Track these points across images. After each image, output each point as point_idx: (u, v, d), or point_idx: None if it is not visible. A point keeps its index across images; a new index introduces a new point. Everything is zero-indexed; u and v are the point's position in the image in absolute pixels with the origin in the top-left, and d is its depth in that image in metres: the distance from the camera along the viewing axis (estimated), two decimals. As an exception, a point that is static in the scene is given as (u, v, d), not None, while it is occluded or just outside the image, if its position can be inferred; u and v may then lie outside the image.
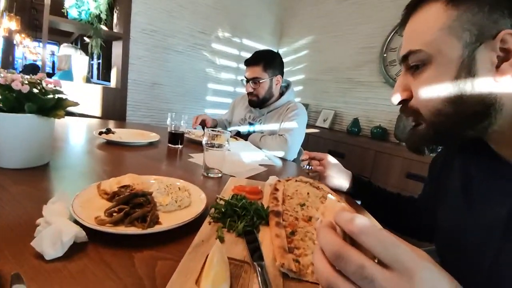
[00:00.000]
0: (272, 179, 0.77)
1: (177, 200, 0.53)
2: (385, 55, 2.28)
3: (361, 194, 0.82)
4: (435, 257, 0.44)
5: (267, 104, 1.53)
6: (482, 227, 0.45)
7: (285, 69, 1.59)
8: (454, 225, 0.51)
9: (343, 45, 2.64)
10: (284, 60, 1.60)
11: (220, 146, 0.81)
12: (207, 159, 0.82)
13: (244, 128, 1.61)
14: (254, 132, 1.53)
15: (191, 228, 0.48)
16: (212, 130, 0.83)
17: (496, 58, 0.38)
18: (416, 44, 0.43)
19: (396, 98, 0.49)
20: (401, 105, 0.50)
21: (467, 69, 0.39)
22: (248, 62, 1.52)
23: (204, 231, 0.47)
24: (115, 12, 2.22)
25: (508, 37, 0.37)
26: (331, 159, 0.85)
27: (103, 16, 1.97)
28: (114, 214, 0.46)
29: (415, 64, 0.45)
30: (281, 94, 1.56)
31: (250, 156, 1.11)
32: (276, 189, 0.64)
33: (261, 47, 3.12)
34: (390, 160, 1.90)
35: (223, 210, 0.52)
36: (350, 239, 0.25)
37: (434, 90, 0.43)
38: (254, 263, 0.39)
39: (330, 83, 2.74)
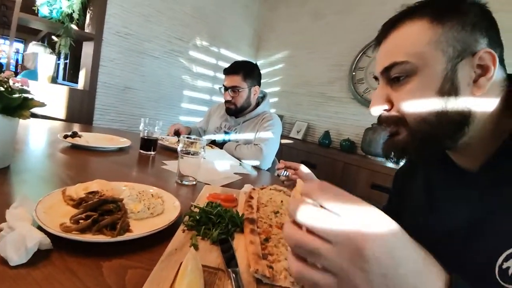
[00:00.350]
0: (247, 187, 0.78)
1: (149, 207, 0.52)
2: (354, 73, 2.43)
3: None
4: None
5: (244, 113, 1.55)
6: (444, 233, 0.47)
7: (261, 81, 1.63)
8: (416, 232, 0.54)
9: (316, 61, 2.77)
10: (261, 72, 1.64)
11: (195, 153, 0.80)
12: (181, 166, 0.81)
13: (219, 137, 1.61)
14: (229, 140, 1.54)
15: (163, 236, 0.47)
16: (188, 137, 0.82)
17: (474, 73, 0.42)
18: (401, 56, 0.45)
19: (377, 108, 0.50)
20: (379, 115, 0.51)
21: (450, 82, 0.42)
22: (228, 71, 1.53)
23: (177, 239, 0.46)
24: (88, 12, 2.14)
25: (485, 55, 0.41)
26: (304, 168, 0.89)
27: (75, 15, 1.89)
28: (81, 221, 0.43)
29: (397, 76, 0.46)
30: (257, 104, 1.59)
31: (225, 165, 1.11)
32: (251, 197, 0.65)
33: (239, 58, 3.17)
34: (357, 171, 2.00)
35: (197, 217, 0.51)
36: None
37: (419, 100, 0.44)
38: (229, 269, 0.39)
39: (304, 97, 2.85)
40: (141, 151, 1.09)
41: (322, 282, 0.25)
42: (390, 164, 2.03)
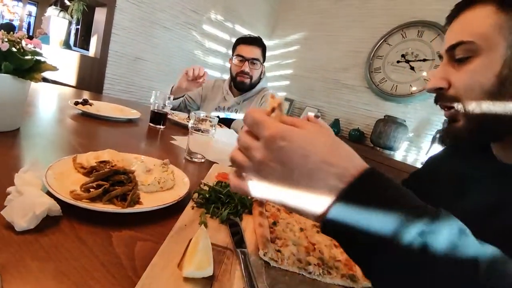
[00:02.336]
0: None
1: (159, 181, 0.51)
2: (371, 61, 2.34)
3: None
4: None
5: (246, 91, 1.49)
6: (467, 213, 0.47)
7: (273, 62, 1.58)
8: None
9: (333, 46, 2.67)
10: (274, 53, 1.60)
11: (206, 131, 0.79)
12: (191, 143, 0.80)
13: (221, 115, 1.54)
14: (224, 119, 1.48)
15: (172, 211, 0.46)
16: (199, 114, 0.80)
17: None
18: (468, 36, 0.46)
19: (432, 84, 0.50)
20: (435, 93, 0.51)
21: (508, 68, 0.43)
22: (250, 41, 1.43)
23: (187, 215, 0.46)
24: (103, -25, 2.07)
25: None
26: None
27: (90, -21, 1.83)
28: (92, 189, 0.43)
29: (460, 57, 0.47)
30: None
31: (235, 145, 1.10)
32: None
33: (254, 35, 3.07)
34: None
35: (207, 196, 0.51)
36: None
37: (477, 82, 0.45)
38: (237, 250, 0.39)
39: (317, 82, 2.78)
40: (151, 124, 1.08)
41: (246, 165, 0.31)
42: (398, 158, 2.00)
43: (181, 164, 0.76)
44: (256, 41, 1.44)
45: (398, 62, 2.20)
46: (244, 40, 1.45)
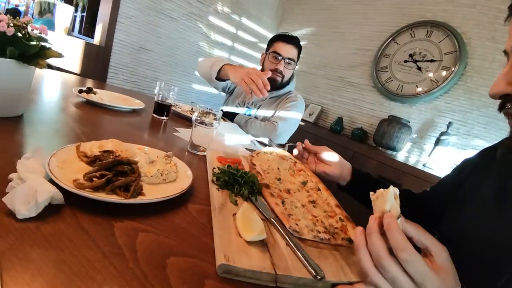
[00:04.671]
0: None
1: (162, 173, 0.51)
2: (378, 60, 2.31)
3: (359, 188, 0.80)
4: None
5: (274, 90, 1.47)
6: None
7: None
8: (482, 231, 0.51)
9: (340, 43, 2.64)
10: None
11: (209, 124, 0.79)
12: (194, 135, 0.79)
13: (241, 110, 1.53)
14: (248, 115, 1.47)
15: (174, 203, 0.46)
16: (204, 107, 0.80)
17: None
18: None
19: (497, 89, 0.44)
20: (500, 99, 0.45)
21: None
22: (291, 41, 1.41)
23: (216, 196, 0.52)
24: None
25: None
26: (327, 156, 0.81)
27: (97, -36, 1.80)
28: (95, 179, 0.43)
29: None
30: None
31: (237, 139, 1.10)
32: (254, 164, 0.71)
33: (260, 29, 3.04)
34: (366, 162, 1.97)
35: (226, 178, 0.58)
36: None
37: None
38: (271, 219, 0.50)
39: (322, 79, 2.75)
40: (154, 115, 1.08)
41: None
42: (400, 159, 2.00)
43: (183, 156, 0.76)
44: (294, 41, 1.43)
45: (405, 61, 2.17)
46: (283, 38, 1.42)
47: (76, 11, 2.00)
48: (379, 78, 2.30)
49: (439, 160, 1.85)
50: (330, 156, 0.80)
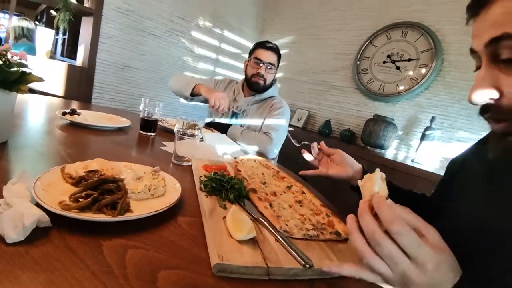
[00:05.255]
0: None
1: (150, 188, 0.51)
2: (358, 62, 2.38)
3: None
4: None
5: (258, 93, 1.55)
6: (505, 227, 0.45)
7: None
8: (473, 216, 0.51)
9: (321, 49, 2.71)
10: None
11: (192, 135, 0.80)
12: (178, 147, 0.80)
13: (225, 120, 1.59)
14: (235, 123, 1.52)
15: (163, 217, 0.47)
16: (185, 119, 0.82)
17: None
18: None
19: (481, 95, 0.40)
20: (483, 104, 0.42)
21: None
22: (270, 47, 1.53)
23: (206, 202, 0.55)
24: (89, -15, 2.06)
25: None
26: (338, 156, 0.82)
27: (75, -11, 1.82)
28: (81, 199, 0.43)
29: (508, 58, 0.37)
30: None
31: (225, 149, 1.11)
32: (239, 170, 0.74)
33: (242, 41, 3.10)
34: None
35: (214, 185, 0.60)
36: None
37: None
38: (260, 219, 0.53)
39: (306, 84, 2.81)
40: (141, 131, 1.08)
41: (383, 271, 0.35)
42: (389, 156, 2.04)
43: (168, 169, 0.76)
44: (274, 48, 1.54)
45: (384, 62, 2.24)
46: (262, 45, 1.54)
47: (57, 34, 1.99)
48: (361, 80, 2.36)
49: (426, 154, 1.90)
50: (344, 157, 0.81)
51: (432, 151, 1.91)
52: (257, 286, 0.38)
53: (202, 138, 1.15)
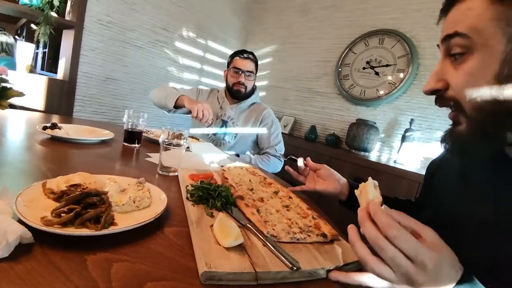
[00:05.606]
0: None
1: (135, 200, 0.51)
2: (339, 69, 2.46)
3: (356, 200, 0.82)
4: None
5: (241, 100, 1.61)
6: (479, 220, 0.48)
7: (249, 75, 1.66)
8: (451, 219, 0.53)
9: (303, 57, 2.79)
10: (248, 65, 1.66)
11: (178, 145, 0.80)
12: (163, 157, 0.80)
13: (215, 129, 1.62)
14: (225, 134, 1.58)
15: (149, 229, 0.46)
16: (170, 129, 0.81)
17: None
18: (463, 28, 0.42)
19: (428, 86, 0.47)
20: (434, 95, 0.48)
21: (509, 66, 0.39)
22: (247, 56, 1.59)
23: (193, 211, 0.55)
24: (70, -1, 2.04)
25: None
26: (325, 171, 0.84)
27: (56, 2, 1.80)
28: (63, 214, 0.42)
29: (456, 53, 0.43)
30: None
31: (212, 158, 1.11)
32: (226, 178, 0.75)
33: (227, 50, 3.13)
34: (342, 165, 2.04)
35: (200, 194, 0.61)
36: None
37: (475, 84, 0.41)
38: (247, 225, 0.53)
39: (291, 91, 2.87)
40: (125, 143, 1.07)
41: (388, 275, 0.37)
42: (373, 158, 2.09)
43: (154, 179, 0.76)
44: (251, 56, 1.62)
45: (363, 68, 2.33)
46: (240, 54, 1.60)
47: (37, 48, 1.96)
48: (343, 85, 2.44)
49: (408, 155, 1.97)
50: (330, 172, 0.83)
51: (413, 151, 1.98)
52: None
53: (188, 148, 1.15)
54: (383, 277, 0.38)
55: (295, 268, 0.42)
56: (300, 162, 0.88)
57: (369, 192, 0.43)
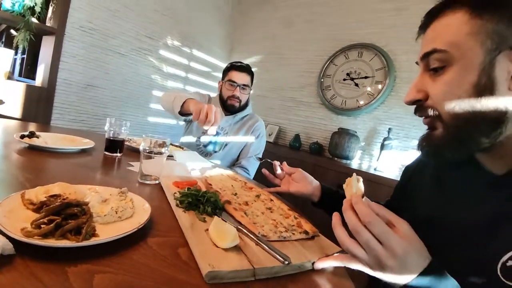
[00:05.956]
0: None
1: (117, 210, 0.50)
2: (322, 80, 2.55)
3: (329, 202, 0.87)
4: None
5: (235, 113, 1.61)
6: (452, 228, 0.51)
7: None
8: (424, 224, 0.54)
9: (287, 67, 2.86)
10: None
11: (159, 153, 0.80)
12: (144, 166, 0.79)
13: (207, 138, 1.52)
14: (215, 143, 1.47)
15: (131, 240, 0.46)
16: (151, 137, 0.81)
17: None
18: (442, 44, 0.44)
19: (410, 97, 0.49)
20: (414, 105, 0.51)
21: (487, 76, 0.41)
22: (243, 69, 1.56)
23: (185, 217, 0.57)
24: (51, 5, 2.00)
25: None
26: (298, 175, 0.90)
27: (37, 8, 1.76)
28: (43, 225, 0.41)
29: (435, 67, 0.45)
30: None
31: (196, 166, 1.11)
32: (210, 184, 0.78)
33: (212, 59, 3.16)
34: (325, 173, 2.09)
35: (190, 200, 0.63)
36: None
37: (454, 93, 0.43)
38: (239, 227, 0.56)
39: (276, 101, 2.92)
40: (106, 152, 1.05)
41: (361, 255, 0.43)
42: (354, 166, 2.16)
43: (134, 188, 0.75)
44: (246, 68, 1.58)
45: (344, 80, 2.42)
46: (236, 67, 1.56)
47: (16, 53, 1.89)
48: (325, 96, 2.52)
49: (387, 162, 2.05)
50: (304, 175, 0.90)
51: (391, 159, 2.06)
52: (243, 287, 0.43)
53: (172, 156, 1.15)
54: (357, 258, 0.43)
55: (286, 262, 0.47)
56: (278, 168, 0.94)
57: (353, 186, 0.48)
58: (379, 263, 0.41)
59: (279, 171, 0.94)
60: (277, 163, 0.95)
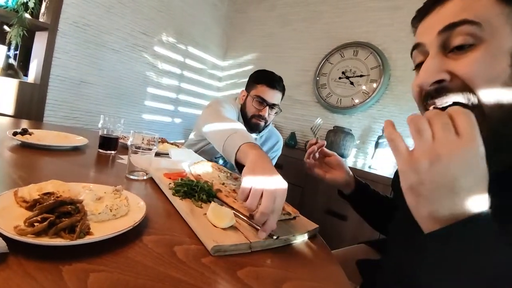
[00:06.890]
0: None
1: (112, 208, 0.50)
2: (317, 78, 2.55)
3: (361, 198, 0.83)
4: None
5: (262, 131, 1.48)
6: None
7: (230, 82, 1.63)
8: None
9: (284, 65, 2.86)
10: (230, 72, 1.67)
11: (147, 148, 0.80)
12: (133, 161, 0.80)
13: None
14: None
15: (126, 238, 0.46)
16: (140, 132, 0.80)
17: None
18: (474, 15, 0.38)
19: (430, 78, 0.42)
20: (425, 90, 0.44)
21: None
22: (278, 86, 1.35)
23: (183, 205, 0.62)
24: (45, 1, 1.96)
25: None
26: (335, 160, 0.83)
27: (31, 4, 1.73)
28: (36, 224, 0.41)
29: (461, 44, 0.39)
30: None
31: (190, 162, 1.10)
32: (199, 175, 0.83)
33: (207, 56, 3.14)
34: (320, 172, 2.10)
35: (185, 189, 0.68)
36: None
37: (492, 70, 0.37)
38: (233, 211, 0.61)
39: (271, 98, 2.91)
40: (100, 150, 1.04)
41: (401, 148, 0.38)
42: (349, 164, 2.18)
43: (123, 184, 0.74)
44: (280, 85, 1.37)
45: (339, 78, 2.43)
46: (269, 82, 1.34)
47: (8, 49, 1.86)
48: (321, 94, 2.53)
49: (381, 160, 2.07)
50: (341, 162, 0.82)
51: (385, 157, 2.08)
52: (242, 257, 0.51)
53: (168, 154, 1.14)
54: (397, 150, 0.38)
55: (275, 237, 0.56)
56: (310, 147, 0.84)
57: None
58: (416, 165, 0.35)
59: (314, 148, 0.83)
60: (313, 140, 0.85)
